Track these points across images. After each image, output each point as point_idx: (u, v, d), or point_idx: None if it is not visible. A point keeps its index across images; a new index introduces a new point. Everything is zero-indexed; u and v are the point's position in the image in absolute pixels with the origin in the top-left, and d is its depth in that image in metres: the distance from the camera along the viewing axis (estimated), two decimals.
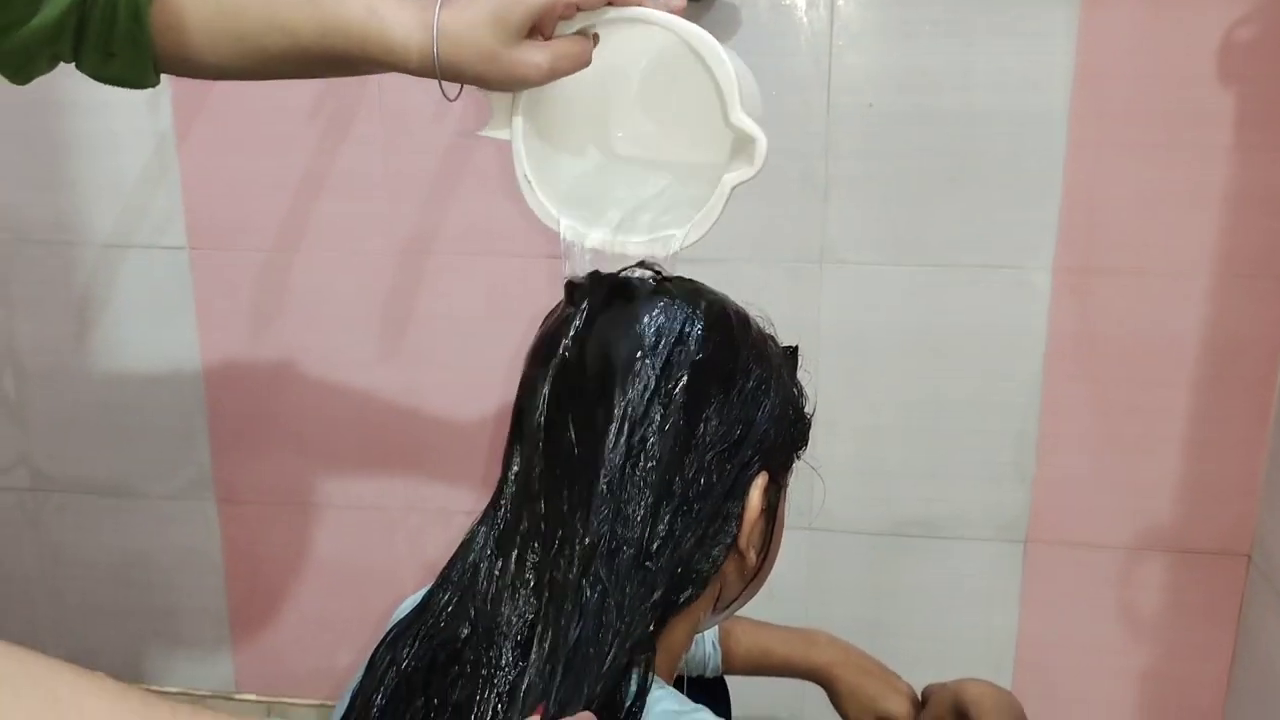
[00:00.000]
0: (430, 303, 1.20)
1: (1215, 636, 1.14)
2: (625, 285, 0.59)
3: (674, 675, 0.59)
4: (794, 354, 0.62)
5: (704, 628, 0.64)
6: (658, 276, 0.60)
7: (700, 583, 0.55)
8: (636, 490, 0.53)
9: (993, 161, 1.06)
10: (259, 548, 1.32)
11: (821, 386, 1.13)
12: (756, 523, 0.57)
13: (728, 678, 0.90)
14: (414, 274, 1.19)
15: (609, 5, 0.59)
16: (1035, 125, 1.04)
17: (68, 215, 1.23)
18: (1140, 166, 1.03)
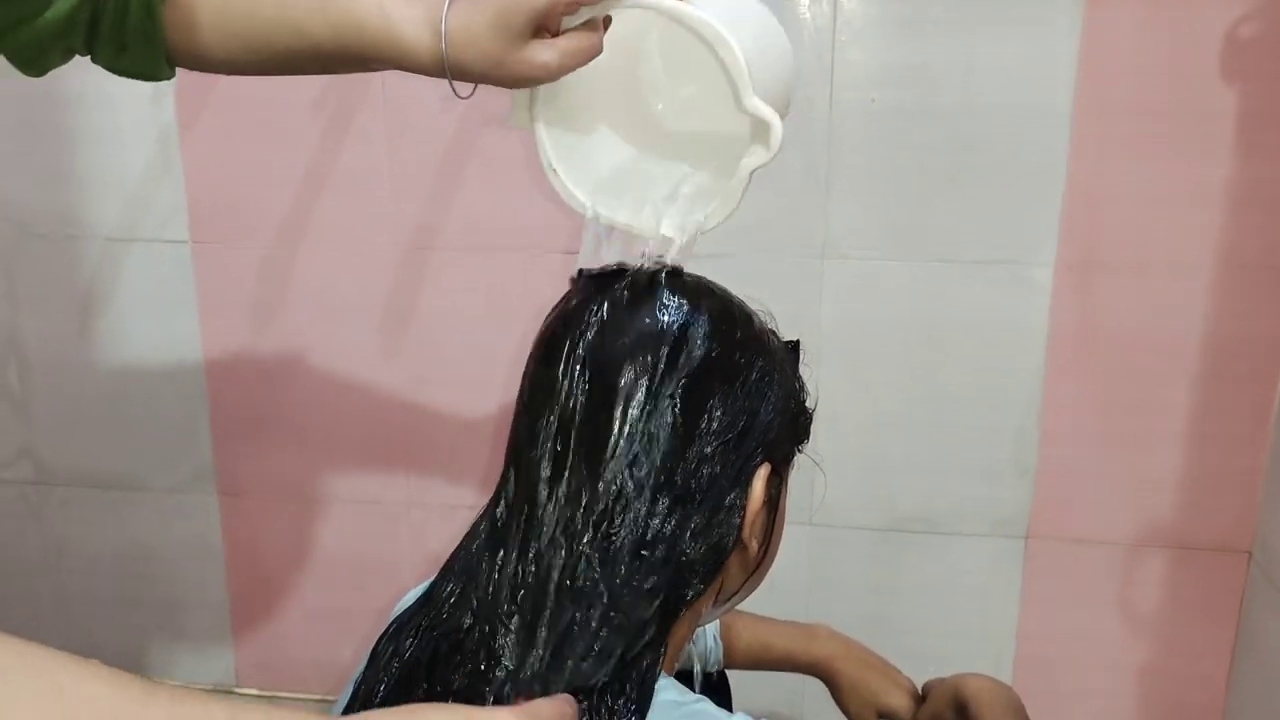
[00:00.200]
0: (433, 297, 1.20)
1: (1215, 632, 1.14)
2: (629, 279, 0.59)
3: (675, 667, 0.59)
4: (796, 348, 0.63)
5: (706, 621, 0.64)
6: (662, 270, 0.60)
7: (705, 575, 0.55)
8: (639, 482, 0.54)
9: (995, 157, 1.06)
10: (261, 541, 1.32)
11: (823, 381, 1.13)
12: (759, 513, 0.57)
13: (729, 672, 0.91)
14: (417, 268, 1.19)
15: None
16: (1038, 121, 1.04)
17: (71, 209, 1.23)
18: (1143, 162, 1.03)
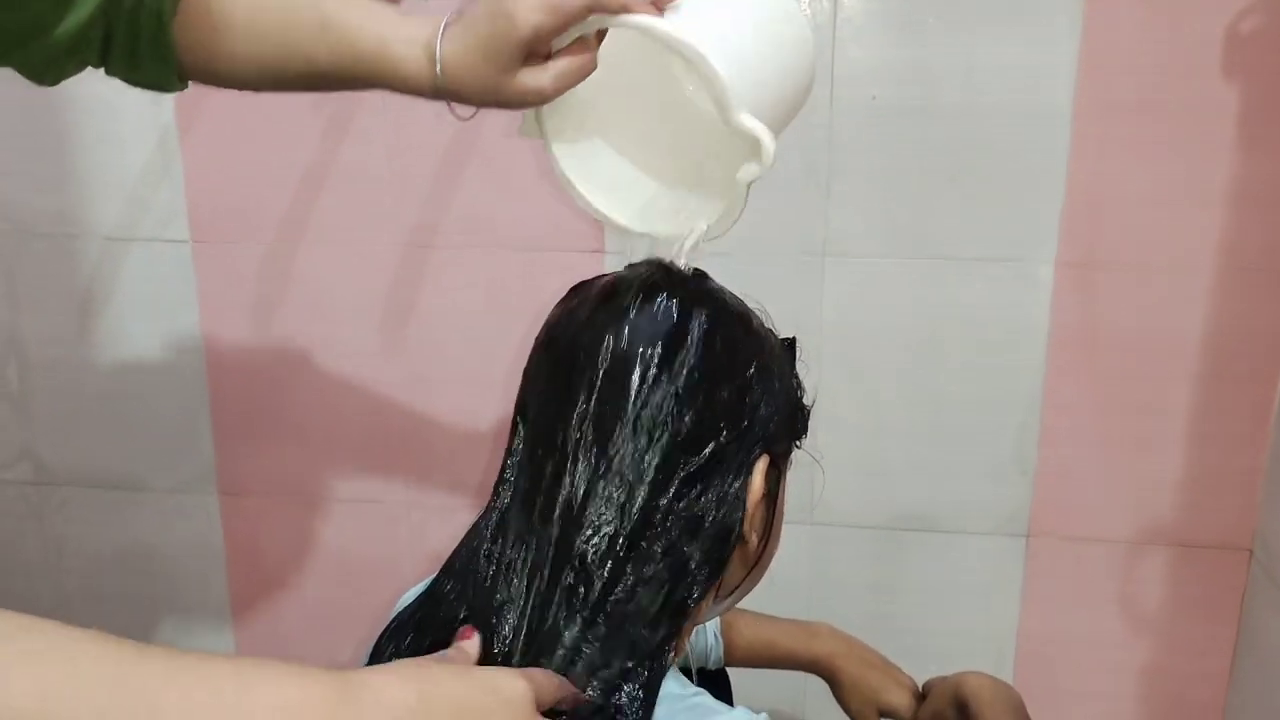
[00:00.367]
0: (434, 296, 1.20)
1: (1216, 631, 1.14)
2: (628, 278, 0.59)
3: (675, 661, 0.59)
4: (792, 345, 0.63)
5: (707, 618, 0.64)
6: (662, 269, 0.60)
7: (709, 569, 0.55)
8: (639, 479, 0.54)
9: (996, 155, 1.05)
10: (261, 541, 1.32)
11: (823, 379, 1.13)
12: (758, 506, 0.57)
13: (730, 669, 0.91)
14: (417, 267, 1.19)
15: (590, 14, 0.56)
16: (1039, 119, 1.04)
17: (71, 208, 1.23)
18: (1144, 160, 1.03)
